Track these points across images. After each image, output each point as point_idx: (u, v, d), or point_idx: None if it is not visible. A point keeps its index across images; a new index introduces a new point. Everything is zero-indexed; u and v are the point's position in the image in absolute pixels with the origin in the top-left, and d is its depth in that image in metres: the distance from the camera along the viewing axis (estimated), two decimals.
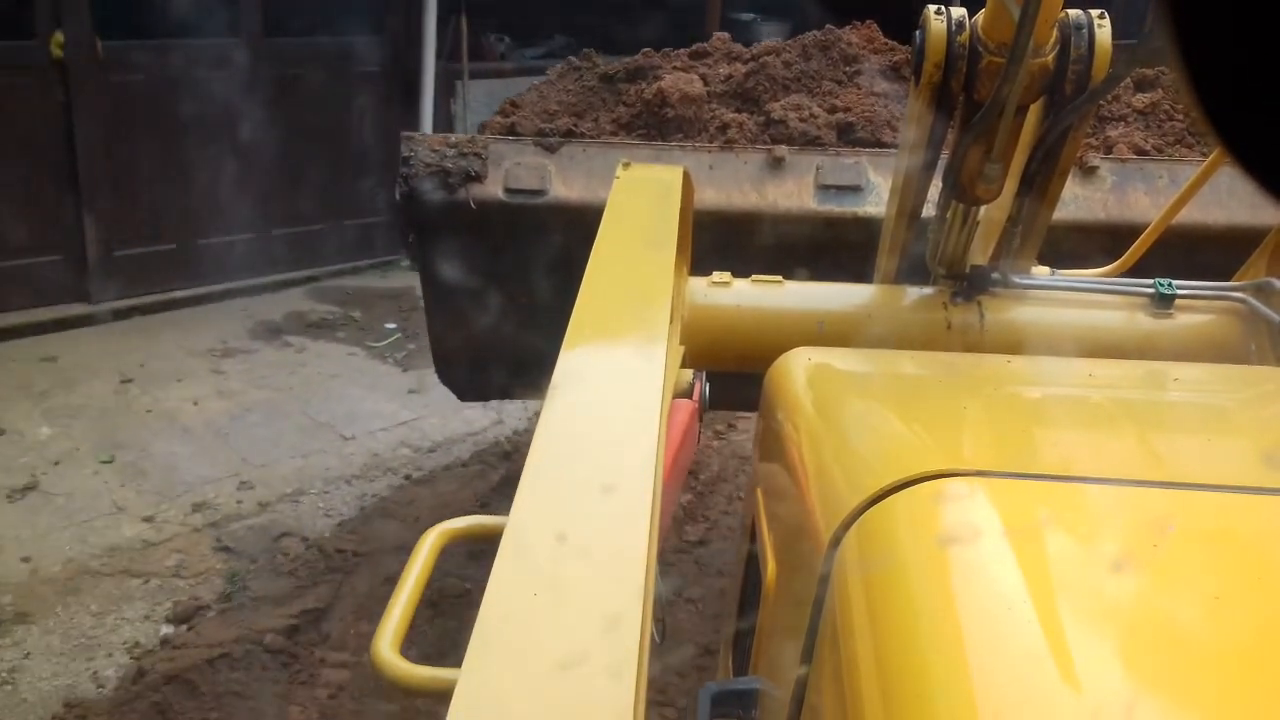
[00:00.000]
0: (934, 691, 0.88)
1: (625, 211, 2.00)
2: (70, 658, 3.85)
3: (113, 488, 4.92)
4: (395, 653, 1.26)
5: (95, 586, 4.22)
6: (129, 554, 4.44)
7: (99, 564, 4.35)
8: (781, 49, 3.82)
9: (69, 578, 4.25)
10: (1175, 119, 3.51)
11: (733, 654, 1.85)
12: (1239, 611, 0.95)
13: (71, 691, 3.68)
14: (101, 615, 4.07)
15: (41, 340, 6.42)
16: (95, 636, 3.96)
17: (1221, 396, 1.65)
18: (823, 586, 1.10)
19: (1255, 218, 2.68)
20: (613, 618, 0.92)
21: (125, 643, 3.92)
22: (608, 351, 1.49)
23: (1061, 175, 2.06)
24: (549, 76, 3.95)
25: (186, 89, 6.87)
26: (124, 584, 4.26)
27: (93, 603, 4.14)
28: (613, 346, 1.51)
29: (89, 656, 3.86)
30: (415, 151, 3.29)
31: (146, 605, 4.13)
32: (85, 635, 3.97)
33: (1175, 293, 2.21)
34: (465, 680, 0.85)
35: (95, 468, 5.08)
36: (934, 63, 1.87)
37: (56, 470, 5.01)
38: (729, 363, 2.27)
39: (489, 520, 1.54)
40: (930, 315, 2.26)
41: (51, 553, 4.39)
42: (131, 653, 3.86)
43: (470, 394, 4.40)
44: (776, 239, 3.11)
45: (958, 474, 1.13)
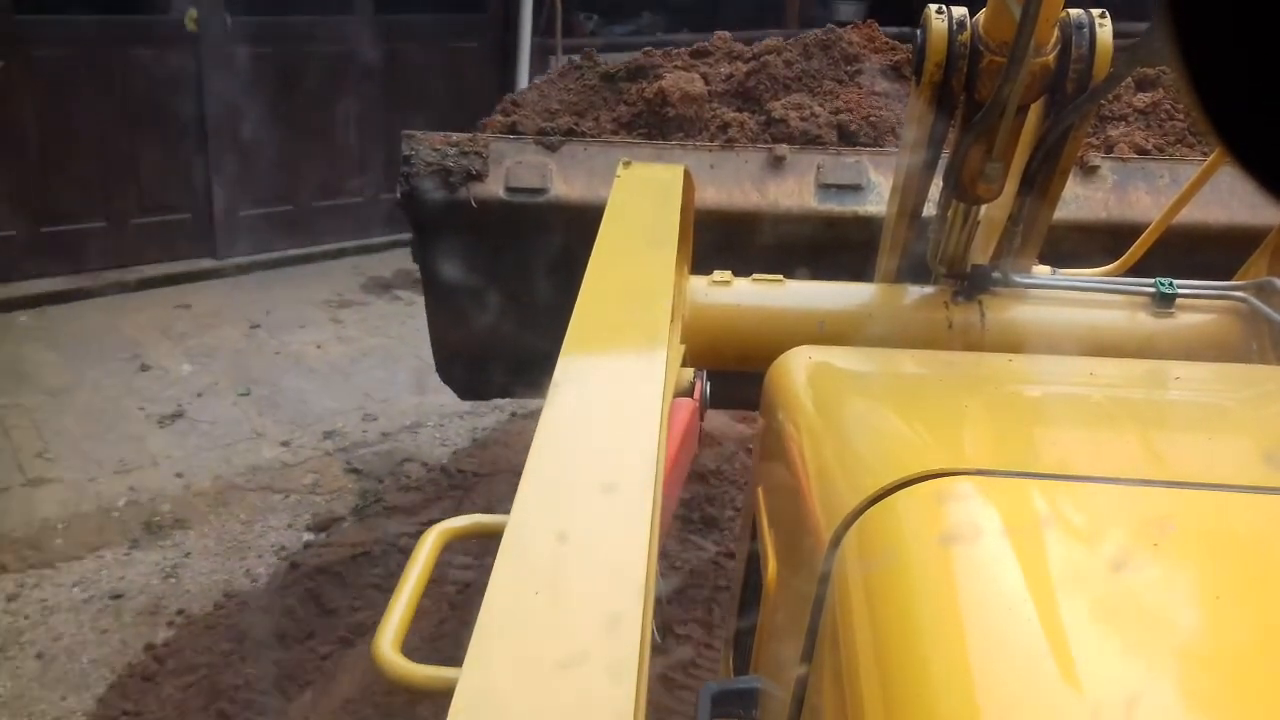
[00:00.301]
0: (934, 691, 0.88)
1: (626, 210, 1.99)
2: (225, 558, 4.46)
3: (250, 416, 5.65)
4: (396, 651, 1.26)
5: (242, 500, 4.86)
6: (269, 473, 5.10)
7: (243, 481, 5.01)
8: (782, 48, 3.82)
9: (218, 492, 4.91)
10: (1176, 118, 3.51)
11: (733, 653, 1.85)
12: (1239, 611, 0.95)
13: (229, 584, 4.25)
14: (249, 524, 4.68)
15: (176, 290, 7.22)
16: (245, 541, 4.57)
17: (1222, 396, 1.65)
18: (823, 586, 1.10)
19: (1256, 217, 2.68)
20: (613, 618, 0.92)
21: (273, 546, 4.52)
22: (608, 351, 1.49)
23: (1062, 174, 2.05)
24: (549, 75, 3.94)
25: (305, 61, 7.58)
26: (267, 498, 4.90)
27: (241, 513, 4.77)
28: (613, 345, 1.51)
29: (241, 557, 4.46)
30: (416, 150, 3.29)
31: (288, 516, 4.75)
32: (236, 540, 4.58)
33: (1176, 292, 2.21)
34: (465, 680, 0.85)
35: (234, 399, 5.81)
36: (935, 62, 1.87)
37: (200, 401, 5.76)
38: (730, 362, 2.27)
39: (489, 520, 1.54)
40: (931, 314, 2.26)
41: (201, 471, 5.07)
42: (279, 555, 4.45)
43: (471, 393, 4.40)
44: (777, 238, 3.11)
45: (958, 473, 1.13)
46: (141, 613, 4.10)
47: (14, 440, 5.22)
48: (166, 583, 4.27)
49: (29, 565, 4.31)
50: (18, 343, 6.32)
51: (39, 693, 3.66)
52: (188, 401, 5.73)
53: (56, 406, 5.58)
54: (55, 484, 4.88)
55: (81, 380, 5.92)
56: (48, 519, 4.61)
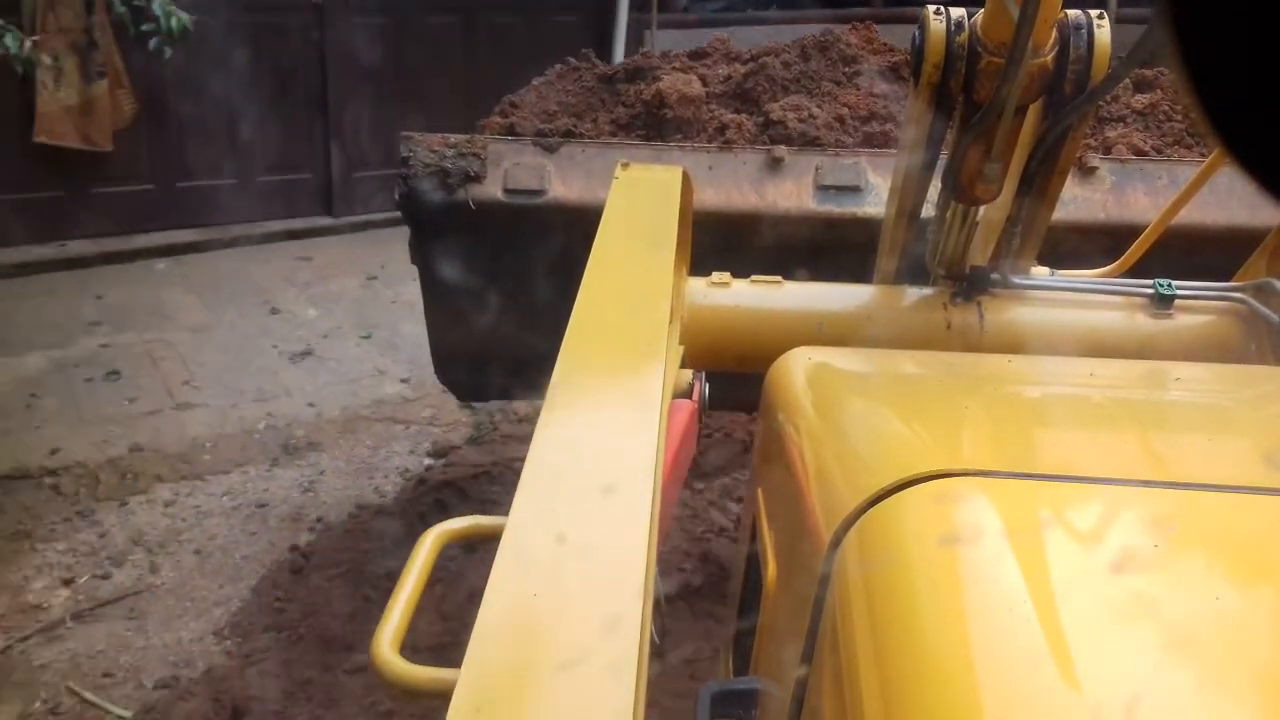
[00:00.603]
0: (934, 692, 0.88)
1: (624, 212, 1.99)
2: (355, 477, 5.02)
3: (373, 356, 6.23)
4: (395, 653, 1.26)
5: (368, 429, 5.43)
6: (392, 406, 5.66)
7: (368, 412, 5.59)
8: (781, 50, 3.82)
9: (346, 421, 5.50)
10: (1174, 119, 3.51)
11: (733, 654, 1.85)
12: (1239, 611, 0.95)
13: (360, 499, 4.79)
14: (375, 449, 5.24)
15: (297, 244, 7.89)
16: (372, 463, 5.13)
17: (1222, 396, 1.65)
18: (823, 587, 1.10)
19: (1255, 218, 2.68)
20: (613, 618, 0.92)
21: (397, 469, 5.07)
22: (607, 352, 1.49)
23: (1061, 175, 2.06)
24: (548, 76, 3.95)
25: (417, 33, 8.16)
26: (390, 428, 5.45)
27: (367, 439, 5.33)
28: (612, 347, 1.51)
29: (370, 476, 5.02)
30: (414, 151, 3.29)
31: (410, 443, 5.29)
32: (364, 462, 5.14)
33: (1175, 293, 2.21)
34: (465, 680, 0.85)
35: (356, 341, 6.43)
36: (933, 63, 1.87)
37: (326, 341, 6.39)
38: (728, 363, 2.27)
39: (488, 521, 1.54)
40: (930, 316, 2.26)
41: (330, 402, 5.63)
42: (403, 476, 5.00)
43: (470, 394, 4.41)
44: (776, 239, 3.11)
45: (958, 474, 1.13)
46: (284, 519, 4.65)
47: (162, 370, 5.94)
48: (305, 495, 4.84)
49: (182, 477, 4.95)
50: (158, 286, 7.08)
51: (199, 582, 4.24)
52: (315, 342, 6.36)
53: (198, 343, 6.28)
54: (201, 409, 5.56)
55: (219, 320, 6.64)
56: (197, 438, 5.27)
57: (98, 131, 7.12)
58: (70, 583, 4.19)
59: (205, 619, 4.04)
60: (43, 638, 3.90)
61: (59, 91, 6.87)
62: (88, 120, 7.04)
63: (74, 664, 3.79)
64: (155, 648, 3.90)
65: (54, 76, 6.75)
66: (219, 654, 3.86)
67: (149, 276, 7.23)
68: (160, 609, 4.09)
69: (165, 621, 4.05)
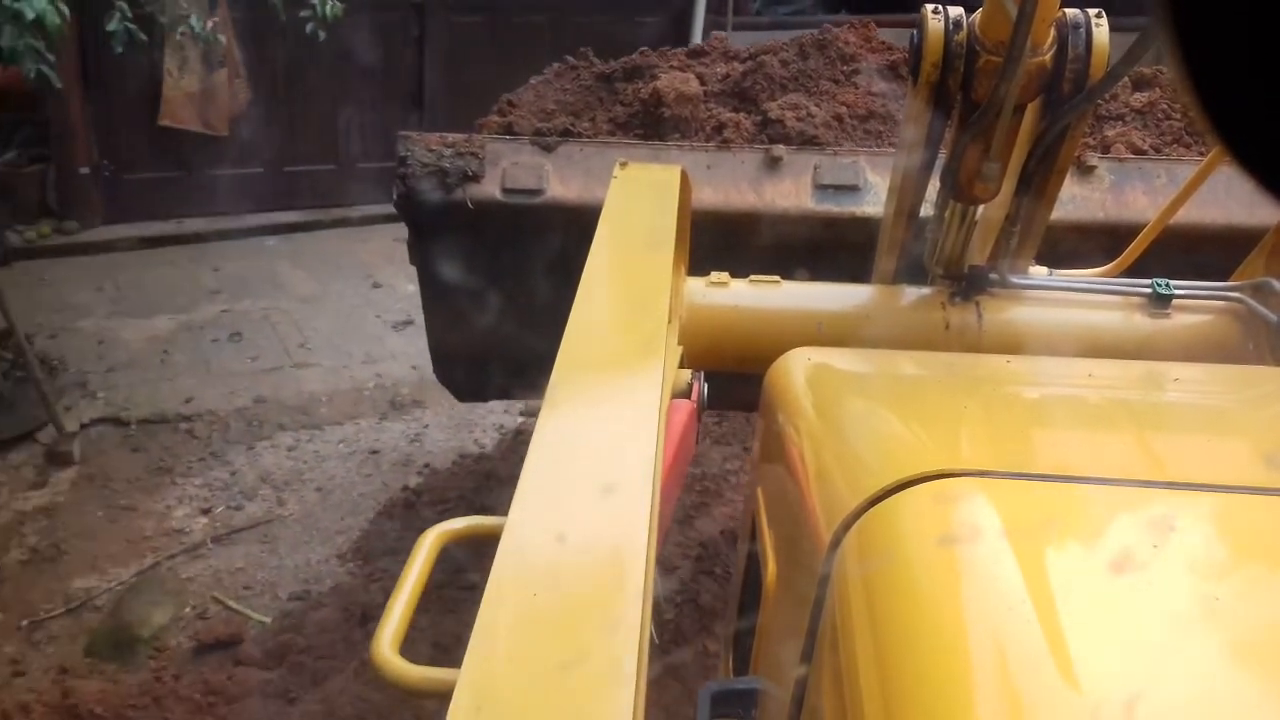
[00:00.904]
0: (934, 691, 0.88)
1: (623, 211, 1.99)
2: (456, 430, 5.55)
3: None
4: (394, 653, 1.26)
5: None
6: None
7: None
8: (779, 48, 3.82)
9: None
10: (1173, 118, 3.51)
11: (733, 654, 1.85)
12: (1238, 611, 0.95)
13: (462, 449, 5.34)
14: (472, 407, 5.50)
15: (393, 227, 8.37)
16: (471, 419, 5.60)
17: (1220, 397, 1.65)
18: (823, 587, 1.10)
19: (1253, 217, 2.68)
20: (613, 618, 0.92)
21: (494, 425, 5.56)
22: (606, 352, 1.49)
23: (1059, 174, 2.05)
24: (546, 75, 3.94)
25: (509, 31, 8.41)
26: None
27: None
28: (611, 347, 1.51)
29: (470, 430, 5.54)
30: (412, 151, 3.29)
31: (504, 404, 5.50)
32: (464, 418, 5.60)
33: (1173, 293, 2.21)
34: (465, 680, 0.85)
35: None
36: (932, 62, 1.87)
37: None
38: (727, 363, 2.26)
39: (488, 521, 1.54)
40: (928, 315, 2.26)
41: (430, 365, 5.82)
42: (499, 430, 5.48)
43: (469, 394, 4.40)
44: (774, 239, 3.11)
45: (958, 474, 1.13)
46: (395, 464, 5.24)
47: (280, 333, 6.59)
48: (412, 445, 5.45)
49: (301, 426, 5.58)
50: (269, 261, 7.64)
51: (322, 514, 4.86)
52: (415, 313, 6.50)
53: (309, 311, 6.84)
54: (316, 368, 6.16)
55: (327, 292, 7.14)
56: (313, 393, 5.88)
57: (216, 117, 7.68)
58: (208, 512, 4.84)
59: (330, 545, 4.62)
60: (187, 557, 4.53)
61: (182, 79, 7.42)
62: (207, 106, 7.62)
63: (216, 578, 4.41)
64: (287, 567, 4.48)
65: (179, 64, 7.33)
66: (344, 574, 4.41)
67: (260, 252, 7.78)
68: (289, 536, 4.68)
69: (294, 546, 4.64)
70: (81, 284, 6.95)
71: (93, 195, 7.55)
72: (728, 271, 2.38)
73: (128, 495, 4.90)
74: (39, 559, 4.45)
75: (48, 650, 4.01)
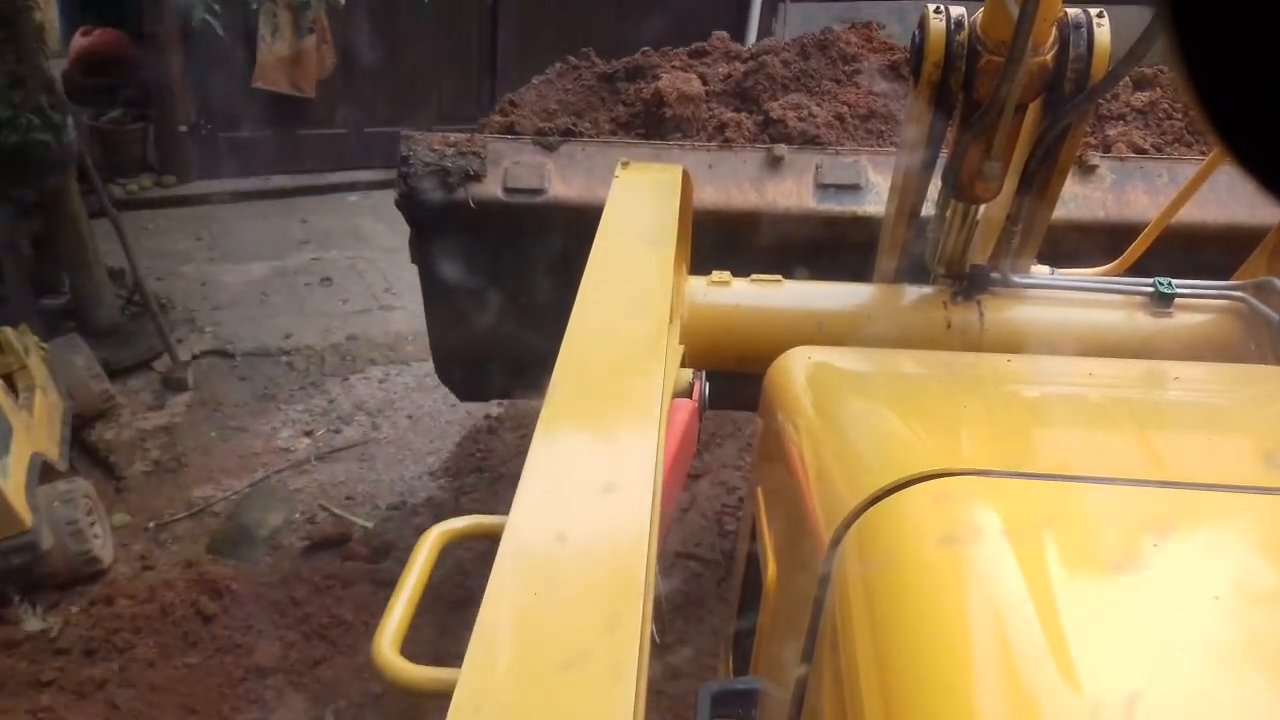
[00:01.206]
0: (934, 690, 0.88)
1: (624, 211, 1.99)
2: None
3: None
4: (395, 653, 1.26)
5: None
6: None
7: None
8: (780, 48, 3.82)
9: None
10: (1174, 117, 3.51)
11: (733, 654, 1.85)
12: (1239, 611, 0.95)
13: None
14: None
15: None
16: None
17: (1221, 396, 1.65)
18: (823, 586, 1.10)
19: (1255, 217, 2.68)
20: (613, 618, 0.92)
21: None
22: (607, 351, 1.49)
23: (1061, 174, 2.05)
24: (548, 75, 3.94)
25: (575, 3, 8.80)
26: None
27: None
28: (612, 346, 1.51)
29: None
30: (414, 150, 3.29)
31: None
32: None
33: (1175, 292, 2.21)
34: (465, 680, 0.85)
35: None
36: (933, 62, 1.87)
37: None
38: (728, 362, 2.26)
39: (489, 520, 1.54)
40: (930, 315, 2.26)
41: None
42: None
43: (470, 394, 4.40)
44: (776, 238, 3.11)
45: (958, 474, 1.13)
46: None
47: (366, 279, 7.07)
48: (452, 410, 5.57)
49: (390, 361, 6.04)
50: (351, 215, 8.16)
51: (413, 438, 5.35)
52: None
53: (391, 261, 6.98)
54: (401, 310, 6.52)
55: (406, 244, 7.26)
56: (399, 332, 6.31)
57: (304, 80, 8.22)
58: (310, 434, 5.36)
59: (421, 464, 5.10)
60: (293, 471, 5.03)
61: (275, 44, 7.94)
62: (297, 70, 8.16)
63: (321, 490, 4.89)
64: (384, 482, 4.96)
65: (272, 30, 7.78)
66: (435, 489, 4.91)
67: (343, 207, 8.34)
68: (384, 455, 5.17)
69: (389, 465, 5.10)
70: (181, 233, 7.52)
71: (190, 152, 8.14)
72: (729, 271, 2.38)
73: (237, 418, 5.46)
74: (161, 470, 4.97)
75: (173, 549, 4.48)
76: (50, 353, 4.86)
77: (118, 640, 3.77)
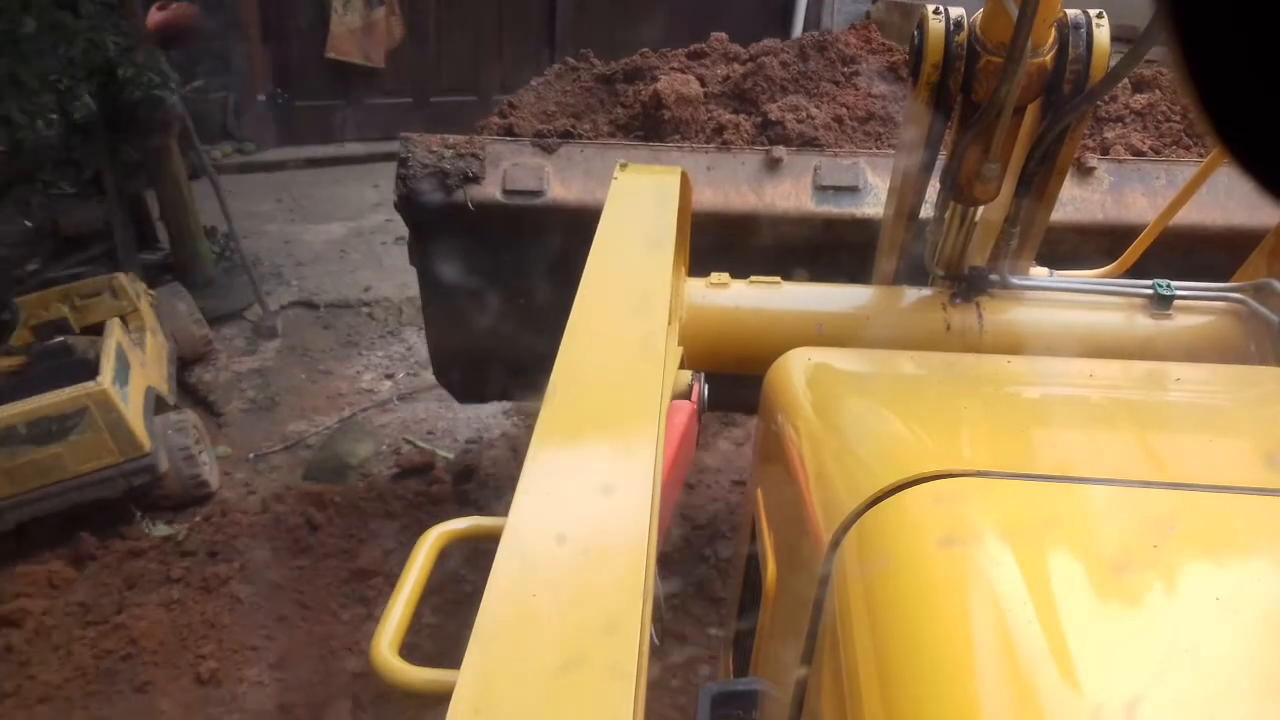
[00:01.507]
0: (934, 691, 0.88)
1: (623, 212, 1.99)
2: None
3: None
4: (394, 654, 1.26)
5: None
6: None
7: None
8: (779, 49, 3.82)
9: None
10: (1173, 120, 3.51)
11: (733, 655, 1.84)
12: (1239, 611, 0.95)
13: None
14: None
15: None
16: None
17: (1221, 397, 1.65)
18: (823, 588, 1.10)
19: (1254, 218, 2.68)
20: (613, 618, 0.92)
21: None
22: (606, 353, 1.49)
23: (1059, 175, 2.06)
24: (546, 77, 3.94)
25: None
26: None
27: None
28: (611, 348, 1.51)
29: None
30: (412, 152, 3.29)
31: None
32: None
33: (1174, 293, 2.21)
34: (465, 681, 0.85)
35: None
36: (932, 63, 1.87)
37: None
38: (727, 364, 2.26)
39: (489, 521, 1.54)
40: (929, 316, 2.26)
41: None
42: None
43: (468, 395, 4.40)
44: (774, 240, 3.11)
45: (957, 474, 1.13)
46: None
47: None
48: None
49: None
50: None
51: None
52: None
53: None
54: None
55: None
56: None
57: (374, 50, 8.64)
58: (391, 377, 5.73)
59: (497, 405, 5.29)
60: (378, 410, 5.42)
61: (346, 16, 8.46)
62: (367, 40, 8.60)
63: (404, 425, 5.28)
64: (461, 419, 5.31)
65: (344, 2, 8.36)
66: (509, 425, 5.27)
67: None
68: None
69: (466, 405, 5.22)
70: (262, 196, 7.92)
71: (268, 120, 8.66)
72: (728, 272, 2.38)
73: (324, 362, 5.88)
74: (257, 408, 5.46)
75: (272, 476, 4.90)
76: (156, 299, 5.34)
77: (237, 544, 4.29)
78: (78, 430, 4.07)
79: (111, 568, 4.16)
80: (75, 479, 4.12)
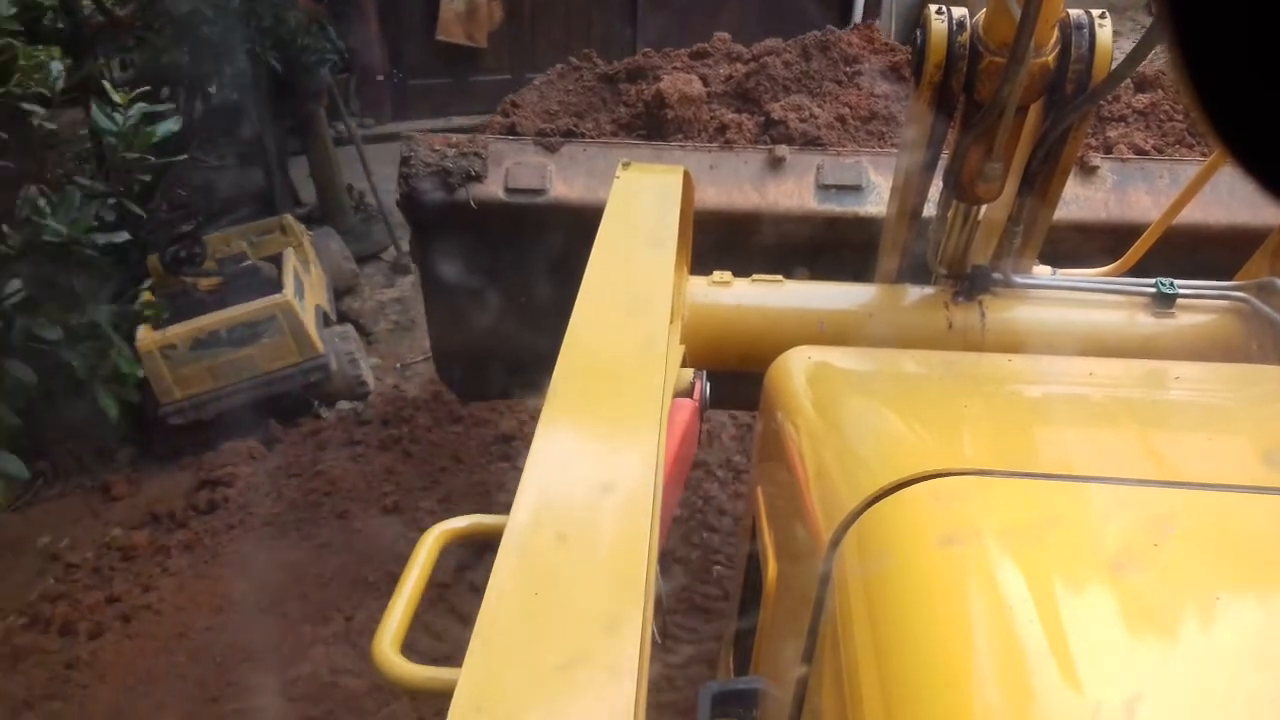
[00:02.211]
0: (934, 690, 0.88)
1: (625, 211, 1.99)
2: None
3: None
4: (395, 652, 1.26)
5: None
6: None
7: None
8: (782, 49, 3.82)
9: None
10: (1175, 119, 3.51)
11: (734, 654, 1.85)
12: (1239, 611, 0.95)
13: None
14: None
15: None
16: None
17: (1223, 396, 1.64)
18: (823, 587, 1.10)
19: (1256, 217, 2.68)
20: (613, 618, 0.92)
21: None
22: (608, 351, 1.49)
23: (1062, 175, 2.05)
24: (549, 76, 3.94)
25: None
26: None
27: None
28: (613, 346, 1.51)
29: None
30: (415, 151, 3.29)
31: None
32: None
33: (1177, 292, 2.21)
34: (465, 680, 0.85)
35: None
36: (935, 63, 1.87)
37: None
38: (729, 362, 2.26)
39: (489, 520, 1.54)
40: (931, 315, 2.26)
41: None
42: None
43: (470, 393, 4.40)
44: (777, 238, 3.11)
45: (958, 473, 1.13)
46: None
47: None
48: None
49: None
50: None
51: None
52: None
53: None
54: None
55: None
56: None
57: (478, 31, 9.25)
58: None
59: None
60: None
61: (454, 1, 9.11)
62: (472, 22, 9.22)
63: None
64: None
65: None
66: None
67: None
68: None
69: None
70: (385, 162, 8.59)
71: (385, 97, 9.36)
72: (730, 271, 2.38)
73: None
74: (399, 329, 6.35)
75: (415, 381, 5.75)
76: (314, 238, 6.25)
77: (404, 414, 5.24)
78: (268, 334, 5.01)
79: (299, 443, 5.16)
80: (265, 374, 5.05)
